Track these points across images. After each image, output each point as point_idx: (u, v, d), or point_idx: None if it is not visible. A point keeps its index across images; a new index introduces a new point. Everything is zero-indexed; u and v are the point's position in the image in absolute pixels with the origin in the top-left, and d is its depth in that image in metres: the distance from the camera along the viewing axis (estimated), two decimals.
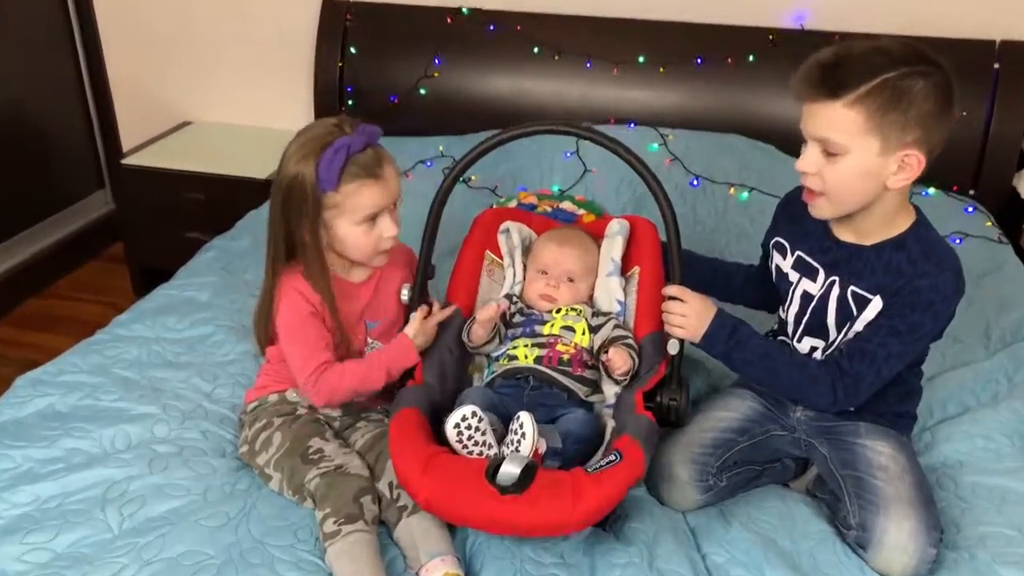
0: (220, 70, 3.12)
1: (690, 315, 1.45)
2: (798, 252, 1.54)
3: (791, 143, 2.68)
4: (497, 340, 1.60)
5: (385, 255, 1.54)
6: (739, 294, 1.74)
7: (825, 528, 1.41)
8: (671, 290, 1.47)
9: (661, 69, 2.67)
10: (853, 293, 1.44)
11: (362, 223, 1.47)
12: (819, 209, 1.43)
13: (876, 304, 1.41)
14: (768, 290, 1.66)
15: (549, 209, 2.33)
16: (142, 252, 3.00)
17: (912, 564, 1.31)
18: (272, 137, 3.08)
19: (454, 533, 1.36)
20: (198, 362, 1.76)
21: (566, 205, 2.35)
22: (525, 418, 1.30)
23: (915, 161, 1.33)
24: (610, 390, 1.58)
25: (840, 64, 1.31)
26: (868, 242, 1.44)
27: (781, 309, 1.59)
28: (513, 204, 2.36)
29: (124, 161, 2.88)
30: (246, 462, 1.50)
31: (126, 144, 3.27)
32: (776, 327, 1.64)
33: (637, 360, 1.51)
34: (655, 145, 2.54)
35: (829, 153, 1.34)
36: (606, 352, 1.51)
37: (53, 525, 1.33)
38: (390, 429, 1.36)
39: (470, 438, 1.31)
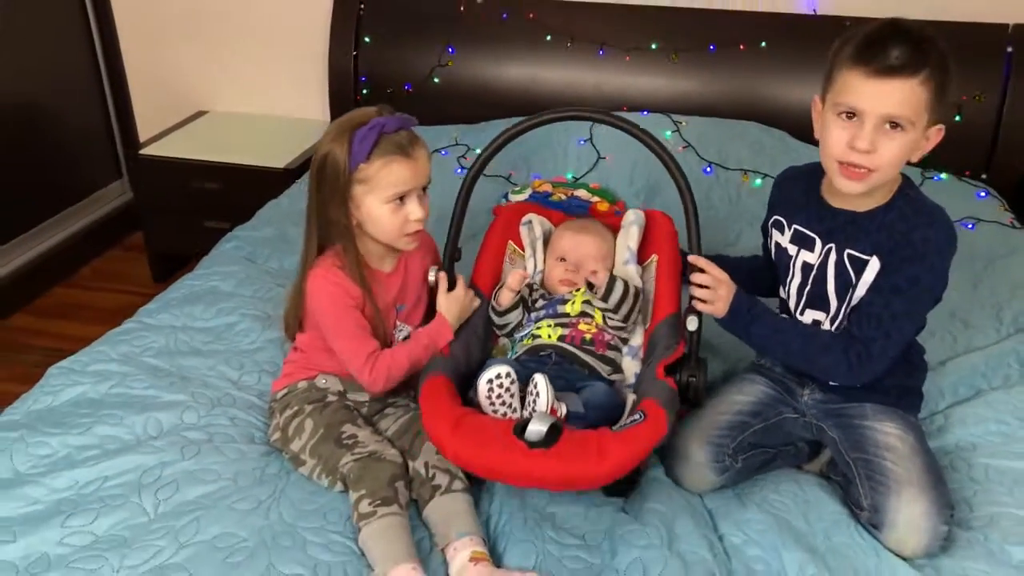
0: (235, 59, 3.16)
1: (718, 290, 1.48)
2: (795, 225, 1.58)
3: (804, 129, 2.75)
4: (522, 308, 1.65)
5: (412, 239, 1.56)
6: (746, 283, 1.77)
7: (839, 509, 1.45)
8: (697, 259, 1.49)
9: (674, 56, 2.69)
10: (850, 256, 1.48)
11: (390, 201, 1.49)
12: (866, 184, 1.41)
13: (874, 265, 1.45)
14: (772, 275, 1.69)
15: (564, 197, 2.37)
16: (160, 240, 3.05)
17: (925, 542, 1.35)
18: (287, 126, 3.11)
19: (479, 515, 1.40)
20: (224, 350, 1.80)
21: (580, 193, 2.38)
22: (539, 379, 1.37)
23: (939, 134, 1.39)
24: (630, 369, 1.62)
25: (916, 40, 1.33)
26: (862, 208, 1.48)
27: (782, 288, 1.63)
28: (528, 192, 2.40)
29: (142, 152, 2.93)
30: (278, 448, 1.55)
31: (143, 134, 3.31)
32: (778, 308, 1.67)
33: None
34: (668, 132, 2.55)
35: (893, 127, 1.37)
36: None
37: (92, 509, 1.38)
38: (420, 392, 1.42)
39: (499, 396, 1.38)
